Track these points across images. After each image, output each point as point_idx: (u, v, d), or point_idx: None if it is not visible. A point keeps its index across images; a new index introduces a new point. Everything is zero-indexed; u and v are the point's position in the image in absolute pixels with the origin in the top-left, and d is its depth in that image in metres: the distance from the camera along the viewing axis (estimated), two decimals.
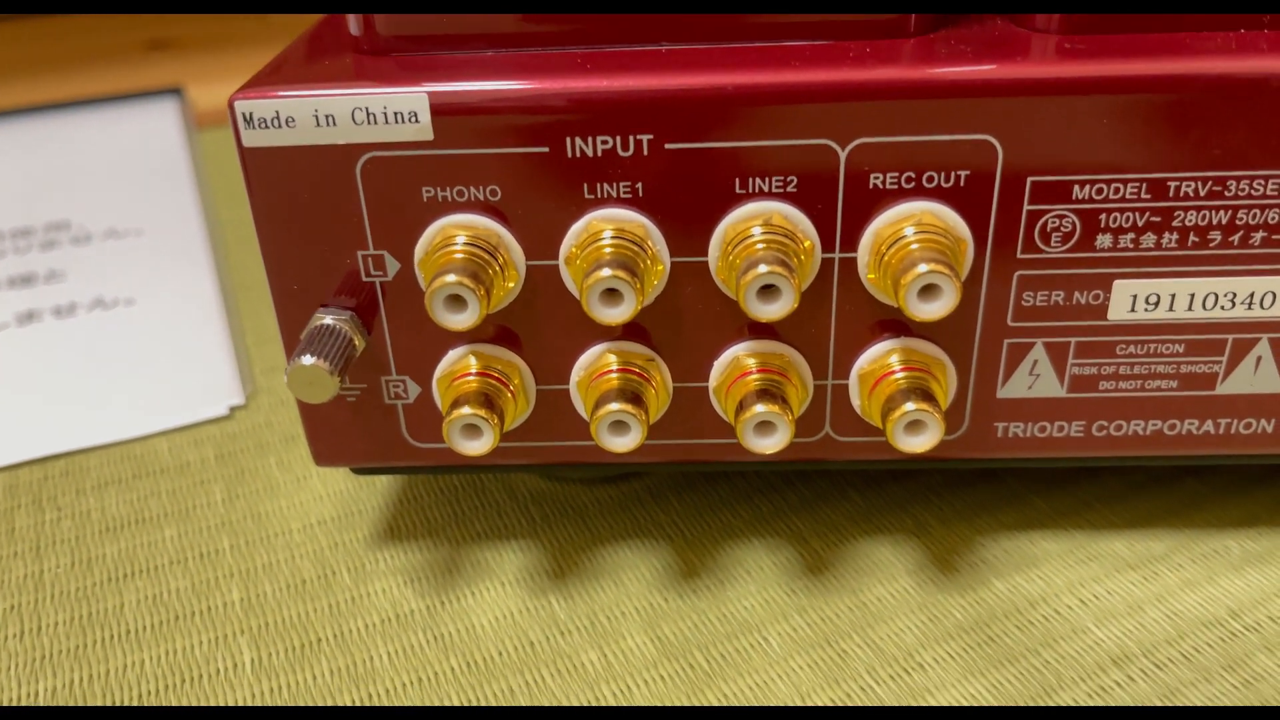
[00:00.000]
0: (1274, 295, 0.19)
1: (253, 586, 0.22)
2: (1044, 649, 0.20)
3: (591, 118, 0.18)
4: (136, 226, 0.39)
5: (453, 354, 0.20)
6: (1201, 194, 0.18)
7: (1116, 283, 0.19)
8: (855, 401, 0.20)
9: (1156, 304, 0.19)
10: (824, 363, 0.20)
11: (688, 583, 0.22)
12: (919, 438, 0.19)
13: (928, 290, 0.18)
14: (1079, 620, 0.21)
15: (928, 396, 0.19)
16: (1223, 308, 0.19)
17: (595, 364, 0.20)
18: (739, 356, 0.20)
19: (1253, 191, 0.18)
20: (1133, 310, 0.19)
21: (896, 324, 0.20)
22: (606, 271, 0.18)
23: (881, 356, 0.20)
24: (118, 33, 0.63)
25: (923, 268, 0.17)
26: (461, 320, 0.18)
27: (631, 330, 0.20)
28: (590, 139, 0.18)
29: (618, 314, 0.18)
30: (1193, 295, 0.19)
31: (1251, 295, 0.19)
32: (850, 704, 0.19)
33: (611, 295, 0.18)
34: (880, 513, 0.24)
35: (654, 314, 0.20)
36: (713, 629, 0.21)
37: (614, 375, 0.20)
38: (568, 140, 0.18)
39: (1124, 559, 0.22)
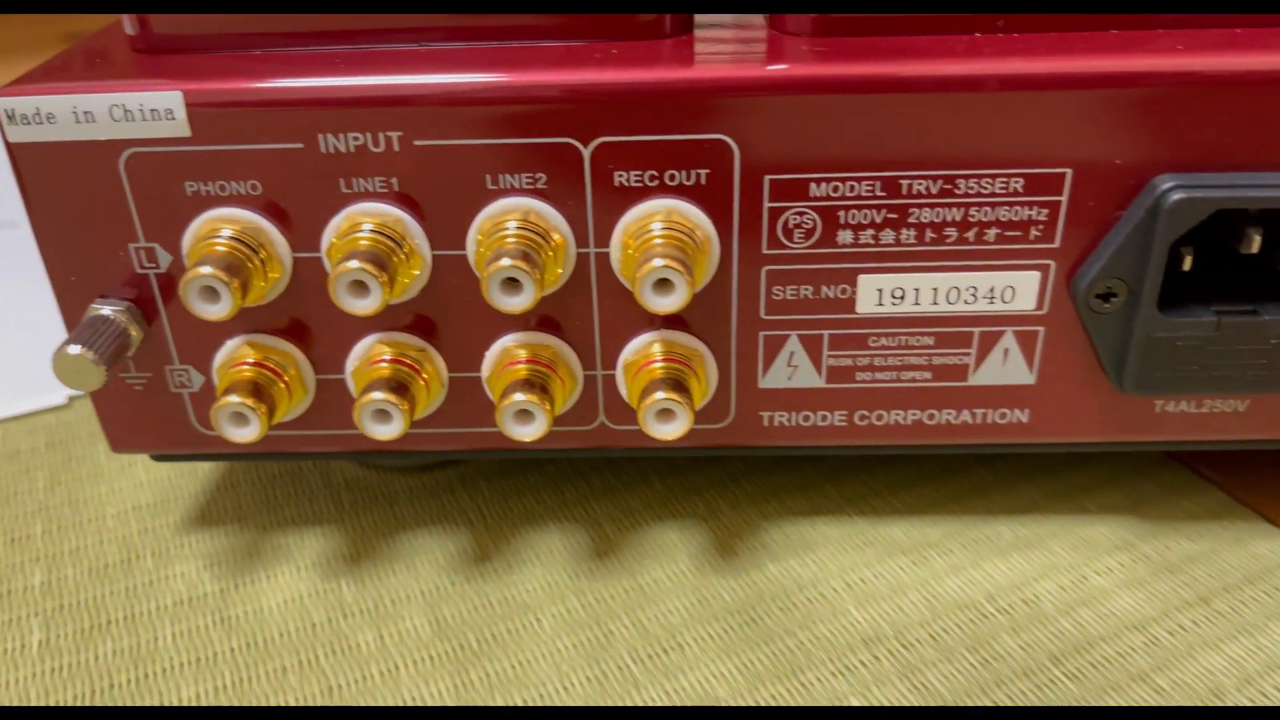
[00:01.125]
0: (1013, 290, 0.20)
1: (55, 570, 0.23)
2: (801, 630, 0.21)
3: (341, 115, 0.19)
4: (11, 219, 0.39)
5: (230, 344, 0.21)
6: (934, 192, 0.19)
7: (861, 277, 0.20)
8: (622, 391, 0.21)
9: (902, 298, 0.20)
10: (592, 354, 0.21)
11: (477, 567, 0.23)
12: (669, 426, 0.20)
13: (662, 284, 0.18)
14: (840, 603, 0.21)
15: (679, 386, 0.20)
16: (965, 302, 0.20)
17: (368, 354, 0.21)
18: (509, 347, 0.21)
19: (982, 190, 0.19)
20: (880, 304, 0.20)
21: (658, 317, 0.20)
22: (354, 264, 0.18)
23: (644, 347, 0.20)
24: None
25: (657, 262, 0.18)
26: (216, 311, 0.19)
27: (407, 322, 0.21)
28: (342, 135, 0.19)
29: (366, 305, 0.19)
30: (935, 289, 0.20)
31: (992, 290, 0.20)
32: (606, 682, 0.20)
33: (359, 286, 0.19)
34: (677, 498, 0.24)
35: (427, 305, 0.20)
36: (490, 611, 0.22)
37: (385, 365, 0.20)
38: (319, 137, 0.19)
39: (899, 544, 0.23)
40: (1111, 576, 0.22)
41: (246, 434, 0.20)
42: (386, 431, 0.20)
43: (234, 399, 0.20)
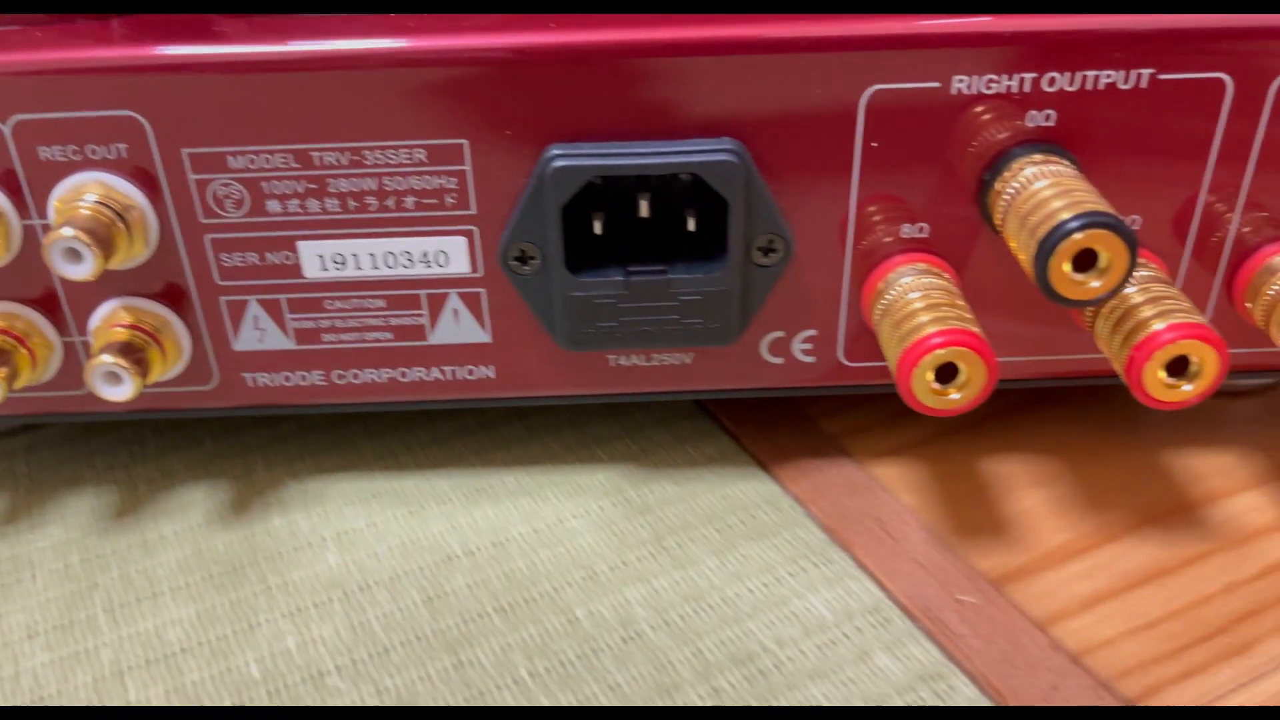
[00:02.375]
0: (445, 254, 0.21)
1: None
2: (273, 576, 0.22)
3: None
4: None
5: None
6: (345, 164, 0.20)
7: (300, 244, 0.21)
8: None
9: (344, 263, 0.21)
10: (64, 319, 0.22)
11: (10, 525, 0.24)
12: (116, 389, 0.21)
13: (70, 255, 0.19)
14: (322, 552, 0.23)
15: (130, 352, 0.21)
16: (404, 266, 0.21)
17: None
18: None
19: (389, 161, 0.20)
20: (325, 269, 0.21)
21: (121, 283, 0.21)
22: None
23: (110, 313, 0.22)
24: None
25: (66, 231, 0.19)
26: None
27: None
28: None
29: None
30: (373, 255, 0.21)
31: (425, 254, 0.21)
32: (70, 630, 0.21)
33: None
34: (221, 458, 0.25)
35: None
36: None
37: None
38: None
39: (405, 496, 0.24)
40: (587, 519, 0.23)
41: None
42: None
43: None
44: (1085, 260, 0.18)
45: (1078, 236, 0.18)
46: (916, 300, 0.20)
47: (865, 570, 0.22)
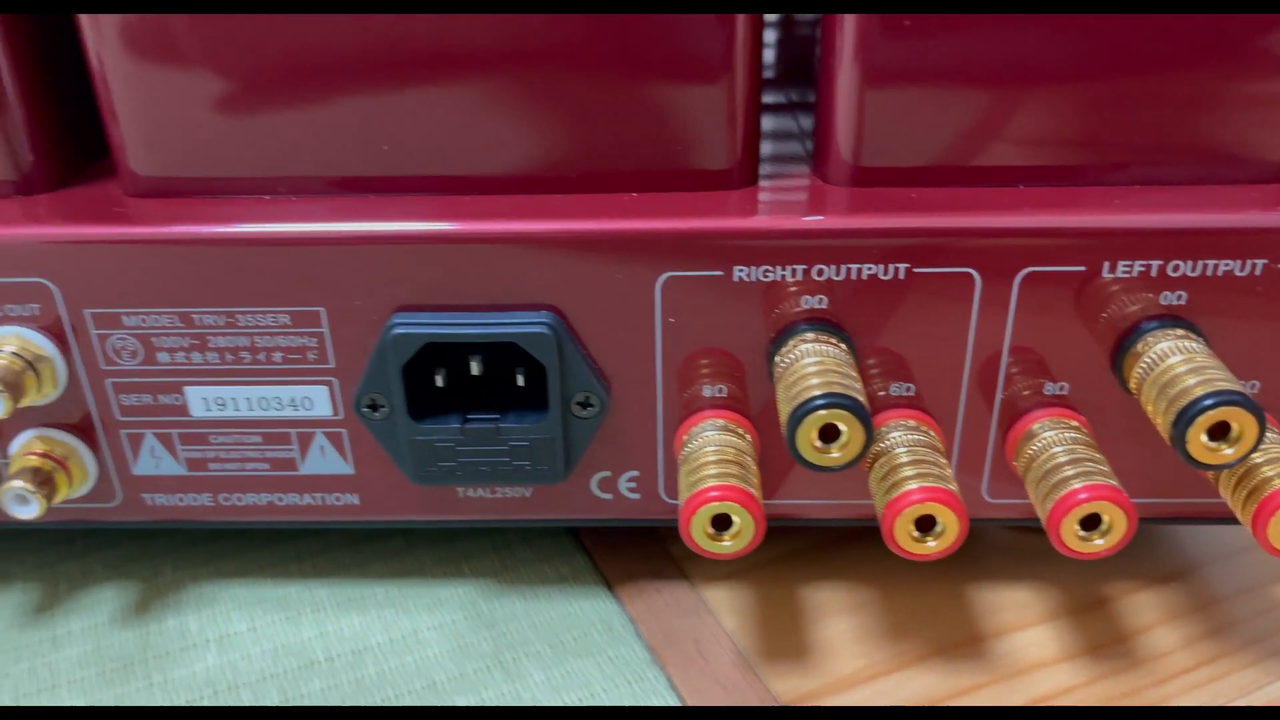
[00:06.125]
0: (310, 400, 0.25)
1: None
2: (157, 673, 0.25)
3: None
4: None
5: None
6: (221, 324, 0.24)
7: (187, 388, 0.25)
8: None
9: (224, 405, 0.25)
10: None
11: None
12: (24, 508, 0.24)
13: None
14: (204, 651, 0.26)
15: (40, 476, 0.24)
16: (275, 409, 0.25)
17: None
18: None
19: (259, 323, 0.24)
20: (209, 410, 0.25)
21: (37, 416, 0.25)
22: None
23: (26, 443, 0.25)
24: None
25: None
26: None
27: None
28: None
29: None
30: (249, 399, 0.25)
31: (293, 400, 0.25)
32: None
33: None
34: (134, 560, 0.29)
35: None
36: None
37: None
38: None
39: (287, 602, 0.27)
40: (438, 632, 0.26)
41: None
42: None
43: None
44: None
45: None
46: (711, 455, 0.23)
47: (674, 689, 0.25)
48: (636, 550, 0.29)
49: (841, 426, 0.21)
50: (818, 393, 0.21)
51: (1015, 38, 0.22)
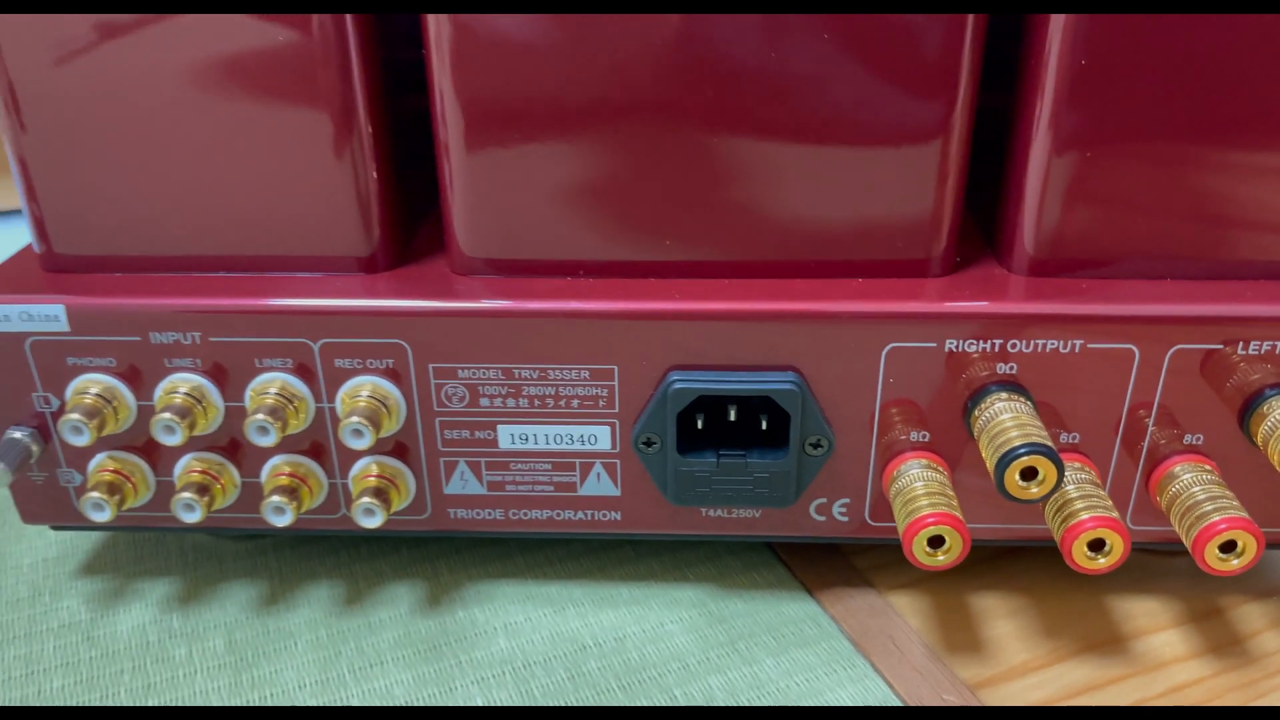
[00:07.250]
0: (595, 437, 0.31)
1: None
2: (462, 653, 0.32)
3: (154, 323, 0.30)
4: None
5: (99, 456, 0.32)
6: (535, 377, 0.30)
7: (499, 426, 0.31)
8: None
9: (527, 440, 0.31)
10: (332, 467, 0.32)
11: (266, 606, 0.33)
12: (371, 519, 0.31)
13: (355, 433, 0.29)
14: (494, 637, 0.32)
15: (380, 494, 0.31)
16: (566, 444, 0.31)
17: (185, 466, 0.32)
18: (277, 464, 0.31)
19: (564, 377, 0.30)
20: (513, 443, 0.31)
21: (379, 446, 0.31)
22: (167, 415, 0.29)
23: (365, 467, 0.31)
24: None
25: (353, 419, 0.29)
26: (81, 440, 0.30)
27: (213, 444, 0.31)
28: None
29: (174, 440, 0.30)
30: (547, 435, 0.31)
31: (582, 436, 0.31)
32: (327, 685, 0.30)
33: (168, 429, 0.30)
34: (414, 563, 0.35)
35: (222, 436, 0.31)
36: (266, 635, 0.32)
37: (194, 474, 0.31)
38: (147, 334, 0.30)
39: (551, 599, 0.34)
40: (680, 624, 0.33)
41: (102, 516, 0.31)
42: (193, 517, 0.31)
43: (95, 494, 0.31)
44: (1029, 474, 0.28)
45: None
46: (920, 488, 0.29)
47: (880, 674, 0.31)
48: (826, 563, 0.35)
49: (1039, 468, 0.27)
50: (1019, 442, 0.27)
51: (1191, 173, 0.28)
